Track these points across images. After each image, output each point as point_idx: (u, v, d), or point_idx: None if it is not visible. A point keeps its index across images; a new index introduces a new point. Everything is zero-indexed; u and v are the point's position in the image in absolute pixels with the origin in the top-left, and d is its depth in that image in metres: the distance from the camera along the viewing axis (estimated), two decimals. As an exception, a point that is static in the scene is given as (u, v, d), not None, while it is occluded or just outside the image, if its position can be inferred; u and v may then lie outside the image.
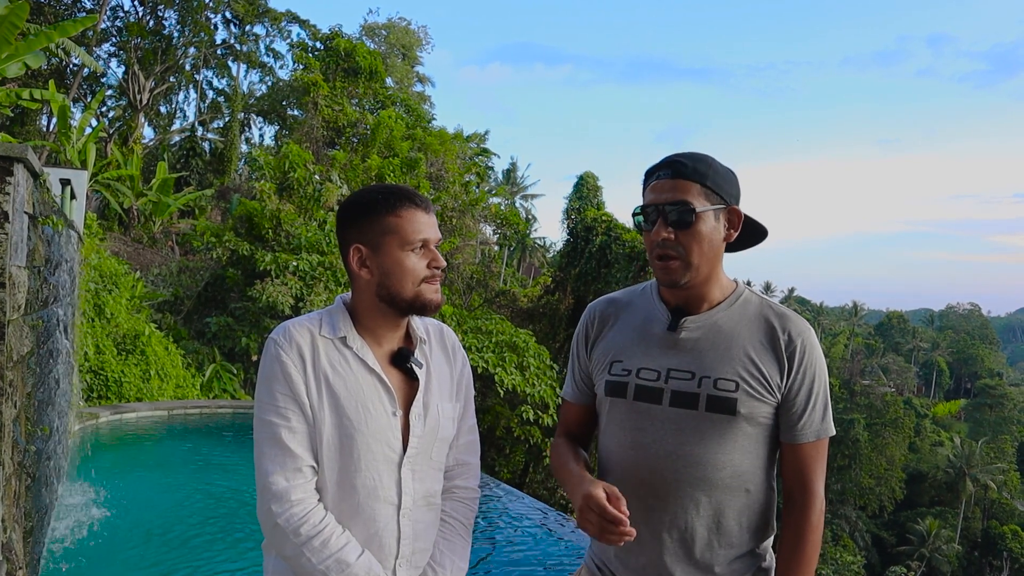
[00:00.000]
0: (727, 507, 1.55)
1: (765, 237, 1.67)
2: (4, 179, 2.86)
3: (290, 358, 1.48)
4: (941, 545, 39.19)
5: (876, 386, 53.02)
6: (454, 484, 1.67)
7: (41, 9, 23.31)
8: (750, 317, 1.59)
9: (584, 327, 1.76)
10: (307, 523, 1.43)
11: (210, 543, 5.12)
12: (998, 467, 44.98)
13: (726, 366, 1.54)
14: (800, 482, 1.58)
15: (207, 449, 8.04)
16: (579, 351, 1.77)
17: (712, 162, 1.57)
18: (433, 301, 1.53)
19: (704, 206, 1.52)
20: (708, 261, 1.56)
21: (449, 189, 19.07)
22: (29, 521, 3.68)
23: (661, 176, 1.56)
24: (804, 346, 1.55)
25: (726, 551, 1.56)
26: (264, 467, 1.45)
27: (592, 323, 1.75)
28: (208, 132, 32.29)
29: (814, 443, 1.57)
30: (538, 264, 39.96)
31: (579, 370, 1.77)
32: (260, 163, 16.36)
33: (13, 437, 3.12)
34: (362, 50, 21.98)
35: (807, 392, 1.55)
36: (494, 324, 15.21)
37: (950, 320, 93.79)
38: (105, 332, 10.10)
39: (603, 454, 1.69)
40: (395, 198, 1.51)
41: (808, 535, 1.56)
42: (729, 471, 1.54)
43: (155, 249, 21.50)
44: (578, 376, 1.77)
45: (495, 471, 16.19)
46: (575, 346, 1.79)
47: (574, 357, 1.79)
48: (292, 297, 12.95)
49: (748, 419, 1.53)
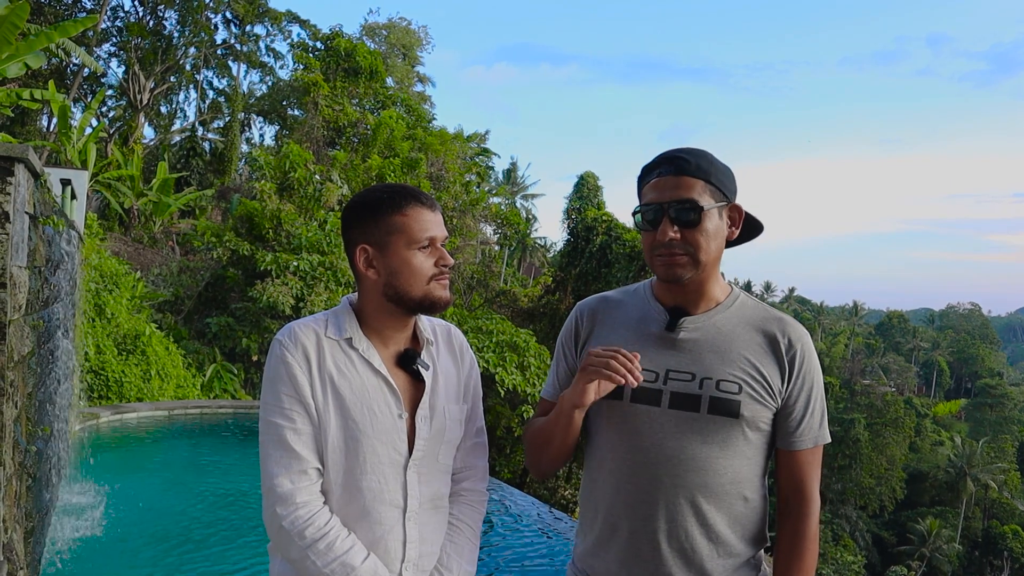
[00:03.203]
0: (725, 515, 1.50)
1: (760, 232, 1.63)
2: (5, 179, 2.85)
3: (295, 359, 1.46)
4: (942, 545, 39.17)
5: (876, 386, 53.02)
6: (461, 487, 1.65)
7: (41, 9, 23.29)
8: (748, 320, 1.56)
9: (574, 325, 1.69)
10: (312, 526, 1.41)
11: (211, 543, 5.10)
12: (999, 467, 44.97)
13: (728, 368, 1.50)
14: (798, 489, 1.54)
15: (208, 449, 8.04)
16: (566, 350, 1.69)
17: (713, 159, 1.53)
18: (442, 299, 1.51)
19: (709, 203, 1.48)
20: (713, 260, 1.52)
21: (449, 189, 19.07)
22: (30, 521, 3.67)
23: (663, 173, 1.50)
24: (804, 351, 1.52)
25: (725, 560, 1.51)
26: (269, 469, 1.44)
27: (582, 321, 1.67)
28: (208, 132, 32.27)
29: (812, 450, 1.54)
30: (538, 264, 39.92)
31: (564, 369, 1.68)
32: (260, 163, 16.35)
33: (14, 437, 3.11)
34: (362, 50, 21.96)
35: (806, 397, 1.52)
36: (495, 324, 15.20)
37: (950, 320, 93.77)
38: (106, 332, 10.09)
39: (595, 461, 1.60)
40: (401, 197, 1.50)
41: (807, 543, 1.53)
42: (729, 477, 1.50)
43: (155, 249, 21.47)
44: (563, 376, 1.68)
45: (496, 471, 16.19)
46: (562, 344, 1.71)
47: (560, 356, 1.70)
48: (293, 297, 12.95)
49: (750, 423, 1.49)
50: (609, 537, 1.56)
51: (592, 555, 1.59)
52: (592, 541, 1.60)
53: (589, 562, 1.60)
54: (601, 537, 1.57)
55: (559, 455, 1.58)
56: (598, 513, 1.58)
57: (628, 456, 1.53)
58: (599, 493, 1.58)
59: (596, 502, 1.59)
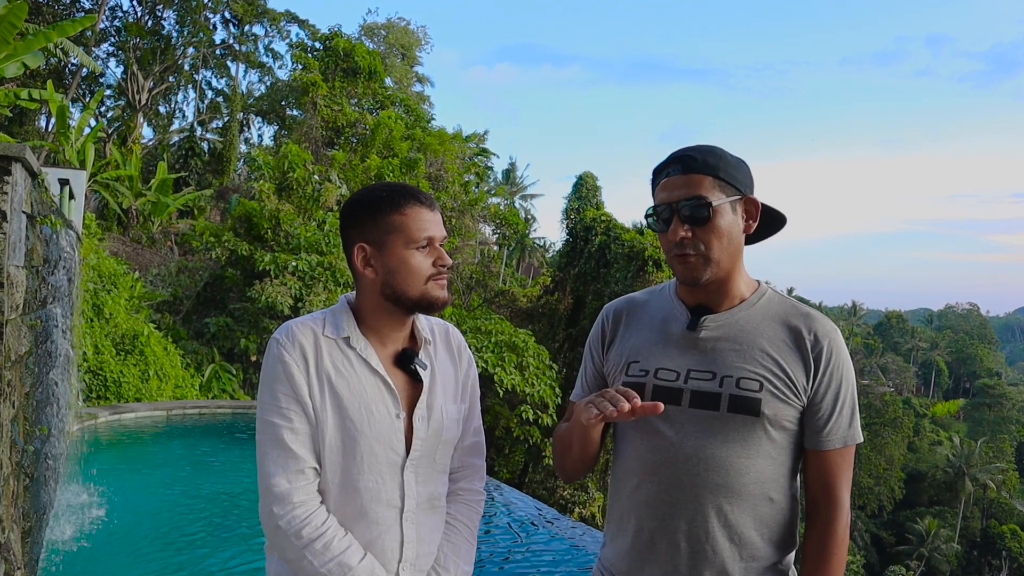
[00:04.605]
0: (749, 516, 1.47)
1: (784, 225, 1.60)
2: (2, 179, 2.84)
3: (293, 359, 1.46)
4: (940, 545, 39.23)
5: (875, 386, 53.05)
6: (459, 487, 1.65)
7: (40, 9, 23.27)
8: (773, 316, 1.52)
9: (600, 327, 1.69)
10: (309, 525, 1.41)
11: (209, 543, 5.10)
12: (997, 467, 45.02)
13: (749, 366, 1.47)
14: (826, 491, 1.50)
15: (206, 449, 8.03)
16: (594, 352, 1.70)
17: (723, 153, 1.51)
18: (440, 299, 1.51)
19: (720, 199, 1.46)
20: (729, 256, 1.50)
21: (448, 189, 19.06)
22: (27, 521, 3.66)
23: (671, 172, 1.50)
24: (831, 348, 1.48)
25: (747, 563, 1.47)
26: (266, 469, 1.43)
27: (608, 323, 1.68)
28: (207, 132, 32.25)
29: (840, 450, 1.49)
30: (537, 264, 39.94)
31: (592, 371, 1.69)
32: (259, 163, 16.33)
33: (11, 437, 3.10)
34: (361, 50, 21.95)
35: (834, 396, 1.48)
36: (493, 324, 15.19)
37: (949, 320, 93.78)
38: (104, 332, 10.08)
39: (619, 459, 1.61)
40: (399, 196, 1.49)
41: (835, 548, 1.47)
42: (752, 476, 1.46)
43: (154, 249, 21.46)
44: (590, 378, 1.70)
45: (494, 471, 16.19)
46: (589, 347, 1.72)
47: (588, 358, 1.71)
48: (291, 297, 12.94)
49: (772, 421, 1.46)
50: (631, 536, 1.55)
51: (615, 554, 1.59)
52: (615, 540, 1.60)
53: (612, 561, 1.60)
54: (623, 536, 1.57)
55: (581, 462, 1.60)
56: (622, 512, 1.58)
57: (649, 455, 1.52)
58: (623, 492, 1.59)
59: (620, 501, 1.59)
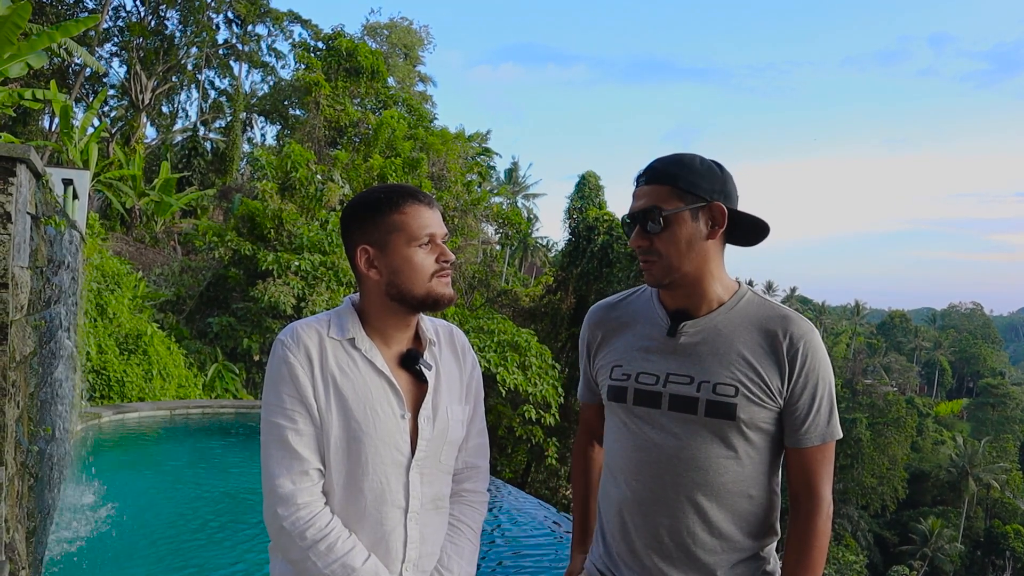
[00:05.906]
0: (729, 512, 1.53)
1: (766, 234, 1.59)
2: (7, 179, 2.85)
3: (297, 360, 1.46)
4: (943, 545, 39.14)
5: (878, 385, 52.97)
6: (463, 487, 1.65)
7: (43, 9, 23.32)
8: (751, 320, 1.55)
9: (586, 334, 1.77)
10: (313, 527, 1.41)
11: (213, 543, 5.11)
12: (1001, 466, 44.92)
13: (725, 371, 1.52)
14: (806, 487, 1.55)
15: (209, 449, 8.05)
16: (583, 358, 1.80)
17: (686, 161, 1.54)
18: (445, 295, 1.51)
19: (676, 207, 1.51)
20: (692, 261, 1.53)
21: (451, 189, 19.07)
22: (32, 521, 3.67)
23: (637, 183, 1.59)
24: (807, 349, 1.51)
25: (728, 555, 1.54)
26: (270, 470, 1.44)
27: (592, 330, 1.76)
28: (210, 132, 32.33)
29: (819, 447, 1.54)
30: (540, 264, 39.96)
31: (587, 374, 1.80)
32: (262, 163, 16.36)
33: (16, 437, 3.11)
34: (364, 50, 21.98)
35: (810, 396, 1.51)
36: (496, 324, 15.21)
37: (952, 319, 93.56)
38: (107, 332, 10.10)
39: (607, 457, 1.70)
40: (398, 196, 1.50)
41: (814, 541, 1.53)
42: (731, 476, 1.52)
43: (157, 249, 21.51)
44: (588, 379, 1.80)
45: (497, 471, 16.20)
46: (581, 351, 1.81)
47: (582, 361, 1.82)
48: (294, 297, 12.96)
49: (748, 424, 1.51)
50: (617, 534, 1.62)
51: (603, 551, 1.67)
52: (602, 538, 1.68)
53: (601, 558, 1.68)
54: (610, 534, 1.65)
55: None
56: (609, 510, 1.66)
57: (633, 455, 1.59)
58: (610, 490, 1.67)
59: (607, 500, 1.67)
